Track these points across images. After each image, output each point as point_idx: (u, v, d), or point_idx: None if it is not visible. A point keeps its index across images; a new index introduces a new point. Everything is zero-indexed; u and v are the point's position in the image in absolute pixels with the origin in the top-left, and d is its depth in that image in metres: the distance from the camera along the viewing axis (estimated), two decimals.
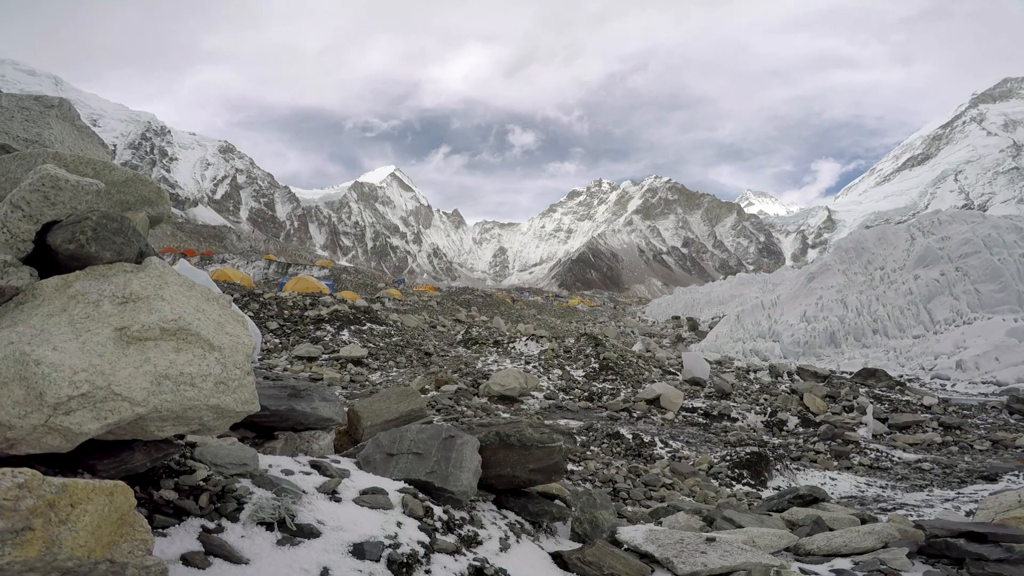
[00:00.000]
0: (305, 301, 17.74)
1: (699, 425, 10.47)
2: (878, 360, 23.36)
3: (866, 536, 3.50)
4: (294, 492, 2.20)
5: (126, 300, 1.89)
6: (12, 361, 1.61)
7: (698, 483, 6.77)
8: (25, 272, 1.92)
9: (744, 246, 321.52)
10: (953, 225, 30.25)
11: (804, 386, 13.47)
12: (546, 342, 16.43)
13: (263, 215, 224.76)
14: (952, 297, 25.65)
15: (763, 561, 2.79)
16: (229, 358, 1.98)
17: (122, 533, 1.48)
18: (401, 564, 2.04)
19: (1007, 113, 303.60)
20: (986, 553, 3.18)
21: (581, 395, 11.78)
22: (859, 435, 10.31)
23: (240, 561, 1.78)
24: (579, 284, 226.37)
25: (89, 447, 1.79)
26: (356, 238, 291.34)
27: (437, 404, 9.11)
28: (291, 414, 3.25)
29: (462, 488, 2.71)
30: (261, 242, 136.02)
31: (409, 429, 3.08)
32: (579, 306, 69.54)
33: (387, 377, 12.00)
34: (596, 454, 7.70)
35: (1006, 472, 7.95)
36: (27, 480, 1.30)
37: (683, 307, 57.58)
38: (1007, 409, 13.18)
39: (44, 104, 3.08)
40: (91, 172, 2.44)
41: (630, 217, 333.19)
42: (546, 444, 3.08)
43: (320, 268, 62.35)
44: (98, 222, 1.96)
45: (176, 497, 1.97)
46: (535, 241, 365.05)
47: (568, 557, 2.79)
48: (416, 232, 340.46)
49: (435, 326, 20.94)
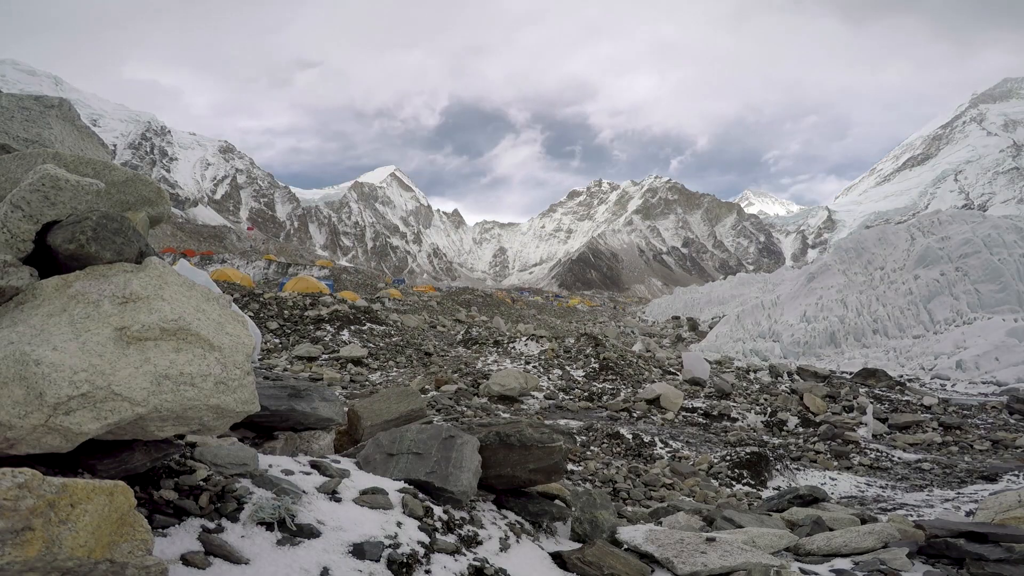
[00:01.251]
0: (305, 301, 17.74)
1: (699, 425, 10.47)
2: (878, 360, 23.35)
3: (866, 536, 3.49)
4: (294, 492, 2.20)
5: (126, 300, 1.89)
6: (12, 361, 1.61)
7: (698, 483, 6.76)
8: (25, 272, 1.92)
9: (744, 246, 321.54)
10: (953, 225, 30.26)
11: (804, 386, 13.47)
12: (546, 342, 16.43)
13: (263, 215, 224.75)
14: (952, 297, 25.65)
15: (763, 561, 2.79)
16: (229, 358, 1.98)
17: (122, 533, 1.48)
18: (401, 564, 2.04)
19: (1007, 113, 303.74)
20: (986, 553, 3.18)
21: (581, 395, 11.77)
22: (859, 435, 10.31)
23: (240, 561, 1.78)
24: (579, 284, 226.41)
25: (89, 447, 1.79)
26: (356, 238, 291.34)
27: (437, 404, 9.11)
28: (291, 414, 3.25)
29: (462, 488, 2.71)
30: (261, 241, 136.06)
31: (409, 429, 3.08)
32: (579, 306, 69.56)
33: (387, 377, 12.00)
34: (596, 454, 7.70)
35: (1006, 472, 7.95)
36: (27, 480, 1.30)
37: (683, 307, 57.60)
38: (1007, 409, 13.17)
39: (44, 104, 3.08)
40: (91, 172, 2.44)
41: (630, 217, 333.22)
42: (546, 444, 3.08)
43: (320, 268, 62.39)
44: (98, 222, 1.96)
45: (176, 497, 1.97)
46: (535, 241, 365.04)
47: (568, 557, 2.79)
48: (416, 232, 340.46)
49: (435, 326, 20.94)
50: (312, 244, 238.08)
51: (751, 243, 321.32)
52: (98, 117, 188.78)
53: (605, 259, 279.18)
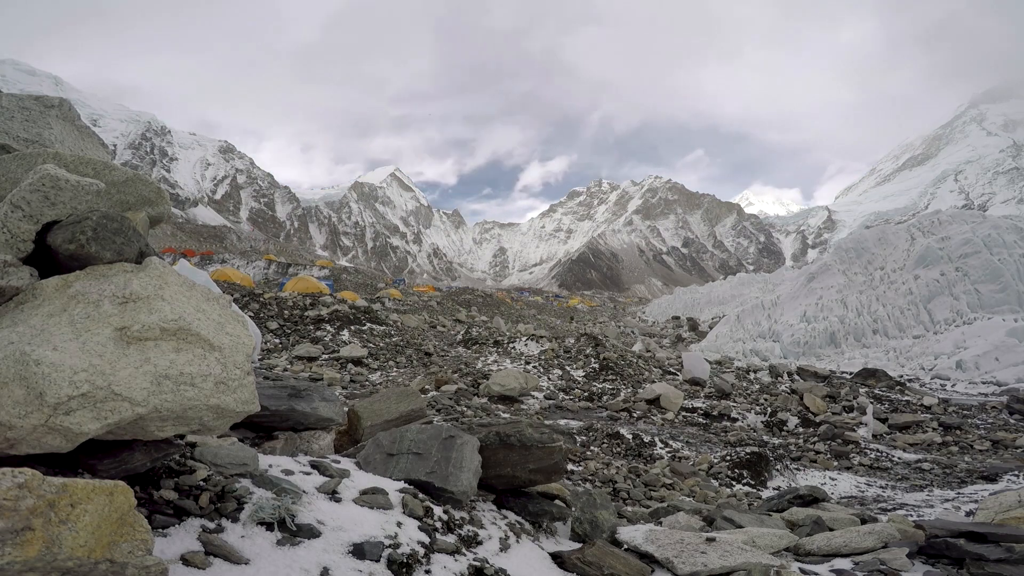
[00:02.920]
0: (305, 301, 17.74)
1: (699, 425, 10.47)
2: (878, 360, 23.36)
3: (866, 536, 3.49)
4: (294, 492, 2.20)
5: (126, 300, 1.89)
6: (12, 361, 1.61)
7: (698, 483, 6.76)
8: (25, 272, 1.92)
9: (744, 246, 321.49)
10: (953, 225, 30.27)
11: (804, 386, 13.47)
12: (546, 342, 16.43)
13: (263, 215, 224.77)
14: (952, 297, 25.66)
15: (763, 561, 2.79)
16: (229, 358, 1.98)
17: (122, 533, 1.48)
18: (401, 564, 2.04)
19: (1007, 113, 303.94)
20: (986, 553, 3.18)
21: (581, 395, 11.77)
22: (859, 435, 10.31)
23: (240, 561, 1.78)
24: (579, 284, 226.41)
25: (89, 447, 1.79)
26: (356, 238, 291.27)
27: (437, 404, 9.11)
28: (291, 414, 3.25)
29: (462, 488, 2.71)
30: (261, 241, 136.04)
31: (409, 429, 3.09)
32: (579, 306, 69.57)
33: (387, 377, 12.00)
34: (596, 454, 7.70)
35: (1006, 472, 7.95)
36: (27, 480, 1.30)
37: (683, 307, 57.63)
38: (1007, 409, 13.17)
39: (44, 104, 3.07)
40: (91, 172, 2.44)
41: (630, 217, 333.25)
42: (546, 444, 3.08)
43: (320, 268, 62.41)
44: (98, 222, 1.96)
45: (176, 497, 1.97)
46: (535, 241, 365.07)
47: (568, 557, 2.79)
48: (416, 232, 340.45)
49: (435, 326, 20.94)
50: (312, 244, 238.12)
51: (751, 243, 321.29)
52: (98, 117, 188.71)
53: (605, 259, 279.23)
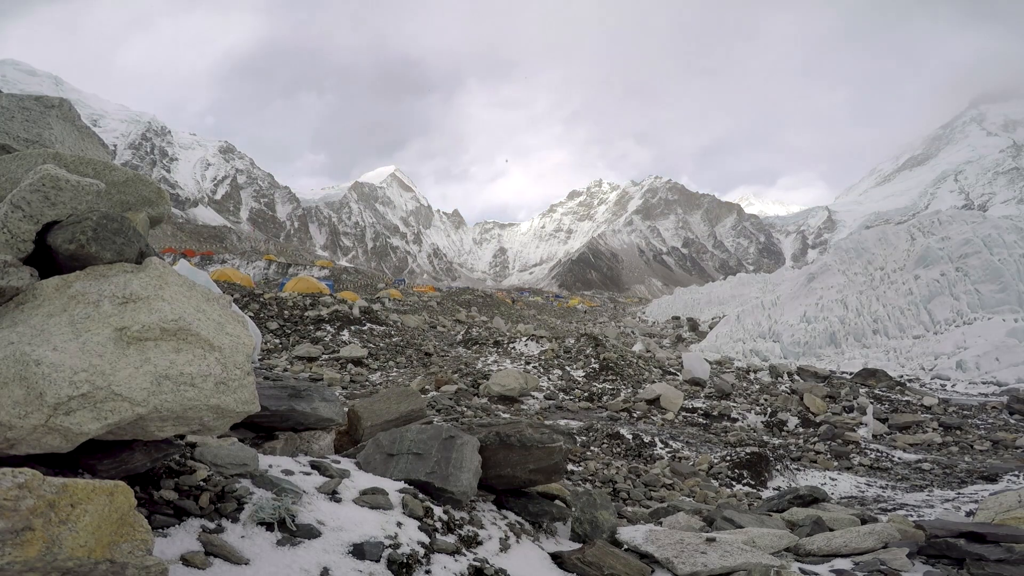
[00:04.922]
0: (305, 301, 17.73)
1: (699, 425, 10.47)
2: (878, 360, 23.36)
3: (866, 536, 3.49)
4: (294, 492, 2.20)
5: (126, 300, 1.89)
6: (12, 361, 1.61)
7: (698, 483, 6.76)
8: (25, 272, 1.92)
9: (744, 246, 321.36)
10: (953, 225, 30.26)
11: (804, 386, 13.47)
12: (546, 342, 16.43)
13: (263, 215, 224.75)
14: (952, 297, 25.65)
15: (763, 561, 2.79)
16: (229, 358, 1.98)
17: (122, 533, 1.48)
18: (401, 564, 2.04)
19: (1007, 113, 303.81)
20: (986, 553, 3.18)
21: (581, 395, 11.77)
22: (859, 435, 10.31)
23: (240, 561, 1.78)
24: (579, 284, 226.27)
25: (89, 447, 1.79)
26: (356, 238, 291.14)
27: (437, 404, 9.11)
28: (291, 414, 3.25)
29: (462, 488, 2.71)
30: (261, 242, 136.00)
31: (409, 429, 3.09)
32: (579, 306, 69.54)
33: (387, 377, 12.00)
34: (596, 454, 7.70)
35: (1006, 472, 7.95)
36: (27, 480, 1.30)
37: (683, 307, 57.59)
38: (1007, 409, 13.18)
39: (45, 104, 3.07)
40: (91, 172, 2.44)
41: (630, 217, 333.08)
42: (546, 444, 3.08)
43: (320, 268, 62.40)
44: (98, 222, 1.96)
45: (176, 497, 1.97)
46: (535, 241, 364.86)
47: (568, 557, 2.80)
48: (416, 232, 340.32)
49: (435, 326, 20.94)
50: (312, 244, 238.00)
51: (751, 243, 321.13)
52: (98, 117, 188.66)
53: (605, 259, 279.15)
